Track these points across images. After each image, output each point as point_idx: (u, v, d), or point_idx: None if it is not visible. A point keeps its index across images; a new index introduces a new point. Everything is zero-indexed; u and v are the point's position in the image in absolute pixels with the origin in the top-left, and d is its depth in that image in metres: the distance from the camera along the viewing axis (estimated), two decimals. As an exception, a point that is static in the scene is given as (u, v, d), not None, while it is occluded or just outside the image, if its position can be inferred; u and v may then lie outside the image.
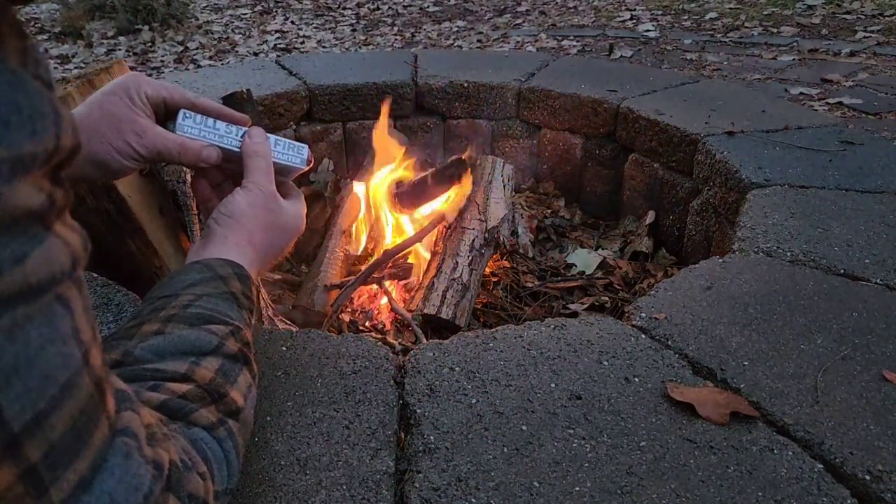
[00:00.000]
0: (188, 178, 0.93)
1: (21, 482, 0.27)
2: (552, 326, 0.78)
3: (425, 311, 1.13)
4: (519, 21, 4.19)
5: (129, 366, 0.45)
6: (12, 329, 0.26)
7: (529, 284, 1.34)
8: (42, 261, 0.27)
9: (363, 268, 1.25)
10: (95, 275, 0.86)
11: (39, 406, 0.27)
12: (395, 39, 3.80)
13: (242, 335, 0.52)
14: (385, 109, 1.53)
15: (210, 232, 0.60)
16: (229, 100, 0.73)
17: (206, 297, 0.52)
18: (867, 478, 0.57)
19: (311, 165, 0.69)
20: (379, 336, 1.10)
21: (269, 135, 0.66)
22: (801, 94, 2.40)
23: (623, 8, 4.33)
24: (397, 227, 1.44)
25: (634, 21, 3.93)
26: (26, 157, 0.27)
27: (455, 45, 3.60)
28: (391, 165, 1.46)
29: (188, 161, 0.62)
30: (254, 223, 0.61)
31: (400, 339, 1.09)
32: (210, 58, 3.50)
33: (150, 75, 3.10)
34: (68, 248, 0.29)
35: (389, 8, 4.78)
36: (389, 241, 1.41)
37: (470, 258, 1.23)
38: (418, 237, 1.30)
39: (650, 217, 1.54)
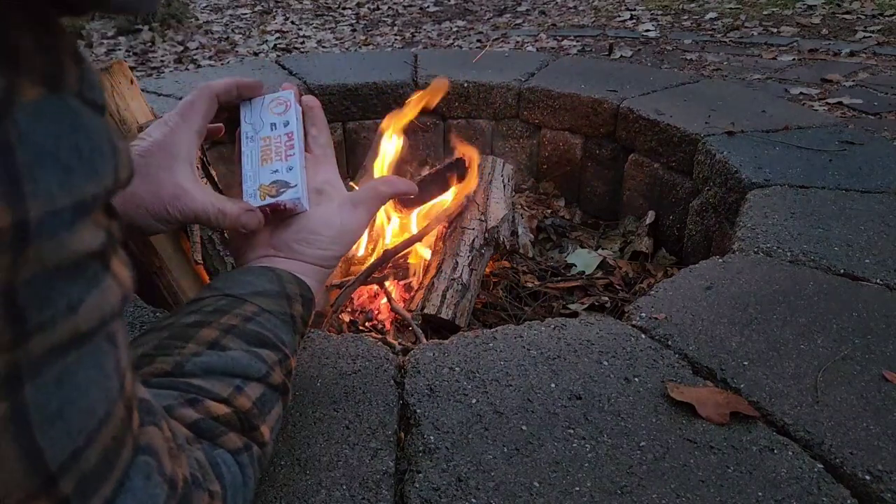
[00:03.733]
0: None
1: None
2: (552, 326, 0.78)
3: (425, 311, 1.13)
4: (519, 21, 4.19)
5: (177, 377, 0.45)
6: (61, 376, 0.26)
7: (529, 284, 1.34)
8: (95, 306, 0.27)
9: (363, 268, 1.25)
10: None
11: (78, 443, 0.27)
12: (395, 39, 3.80)
13: (288, 364, 0.52)
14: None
15: (293, 253, 0.60)
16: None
17: (267, 315, 0.52)
18: (867, 478, 0.57)
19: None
20: (379, 336, 1.10)
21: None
22: (801, 94, 2.40)
23: (623, 8, 4.33)
24: (397, 227, 1.44)
25: (634, 21, 3.93)
26: (88, 200, 0.26)
27: (455, 45, 3.60)
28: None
29: (227, 227, 0.60)
30: (344, 252, 0.62)
31: (400, 339, 1.09)
32: (210, 58, 3.50)
33: (149, 75, 3.11)
34: (120, 288, 0.29)
35: (389, 8, 4.78)
36: (389, 241, 1.41)
37: (470, 258, 1.23)
38: (418, 237, 1.29)
39: (650, 217, 1.54)
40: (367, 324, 1.18)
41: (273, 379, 0.49)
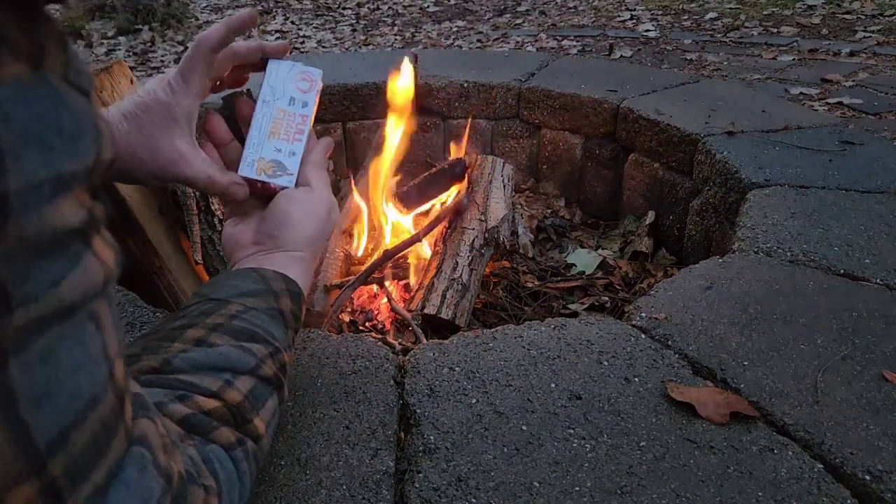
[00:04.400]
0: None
1: (41, 497, 0.27)
2: (552, 326, 0.78)
3: (425, 311, 1.13)
4: (519, 21, 4.19)
5: (165, 374, 0.45)
6: (46, 353, 0.26)
7: (529, 284, 1.34)
8: (78, 282, 0.27)
9: (363, 268, 1.25)
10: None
11: (65, 423, 0.28)
12: (395, 39, 3.80)
13: (281, 357, 0.52)
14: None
15: (273, 243, 0.61)
16: (229, 100, 0.73)
17: (254, 311, 0.53)
18: (867, 478, 0.57)
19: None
20: (379, 336, 1.10)
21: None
22: (801, 94, 2.40)
23: (623, 8, 4.33)
24: (397, 227, 1.44)
25: (634, 21, 3.93)
26: (68, 177, 0.27)
27: (455, 45, 3.60)
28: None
29: (215, 194, 0.64)
30: (320, 237, 0.63)
31: (400, 339, 1.09)
32: (210, 58, 3.49)
33: (149, 75, 3.11)
34: (103, 267, 0.30)
35: (389, 8, 4.78)
36: (389, 241, 1.41)
37: (470, 258, 1.23)
38: (418, 237, 1.29)
39: (650, 217, 1.54)
40: (367, 324, 1.18)
41: (264, 372, 0.49)
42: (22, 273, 0.25)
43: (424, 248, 1.34)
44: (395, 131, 1.42)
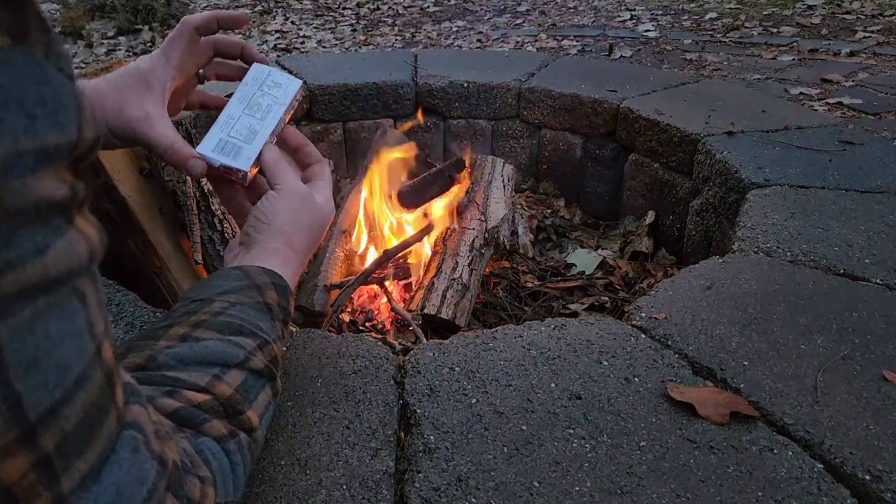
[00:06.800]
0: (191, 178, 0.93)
1: (35, 471, 0.27)
2: (552, 326, 0.78)
3: (425, 311, 1.13)
4: (519, 21, 4.19)
5: (151, 370, 0.45)
6: (33, 321, 0.27)
7: (529, 284, 1.34)
8: (62, 253, 0.28)
9: (363, 268, 1.25)
10: (95, 275, 0.85)
11: (55, 396, 0.28)
12: (395, 39, 3.80)
13: (270, 349, 0.52)
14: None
15: (250, 240, 0.61)
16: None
17: (239, 306, 0.52)
18: (867, 478, 0.57)
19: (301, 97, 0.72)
20: (379, 336, 1.10)
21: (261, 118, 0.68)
22: (801, 94, 2.40)
23: (623, 8, 4.33)
24: (397, 227, 1.44)
25: (634, 21, 3.93)
26: (50, 149, 0.27)
27: (455, 45, 3.60)
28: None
29: (173, 163, 0.64)
30: (293, 227, 0.62)
31: (400, 339, 1.09)
32: (210, 58, 3.49)
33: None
34: (87, 243, 0.30)
35: (389, 8, 4.78)
36: (389, 241, 1.41)
37: (470, 258, 1.23)
38: (418, 237, 1.29)
39: (650, 217, 1.54)
40: (367, 324, 1.18)
41: (254, 364, 0.49)
42: (6, 239, 0.25)
43: (424, 248, 1.34)
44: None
